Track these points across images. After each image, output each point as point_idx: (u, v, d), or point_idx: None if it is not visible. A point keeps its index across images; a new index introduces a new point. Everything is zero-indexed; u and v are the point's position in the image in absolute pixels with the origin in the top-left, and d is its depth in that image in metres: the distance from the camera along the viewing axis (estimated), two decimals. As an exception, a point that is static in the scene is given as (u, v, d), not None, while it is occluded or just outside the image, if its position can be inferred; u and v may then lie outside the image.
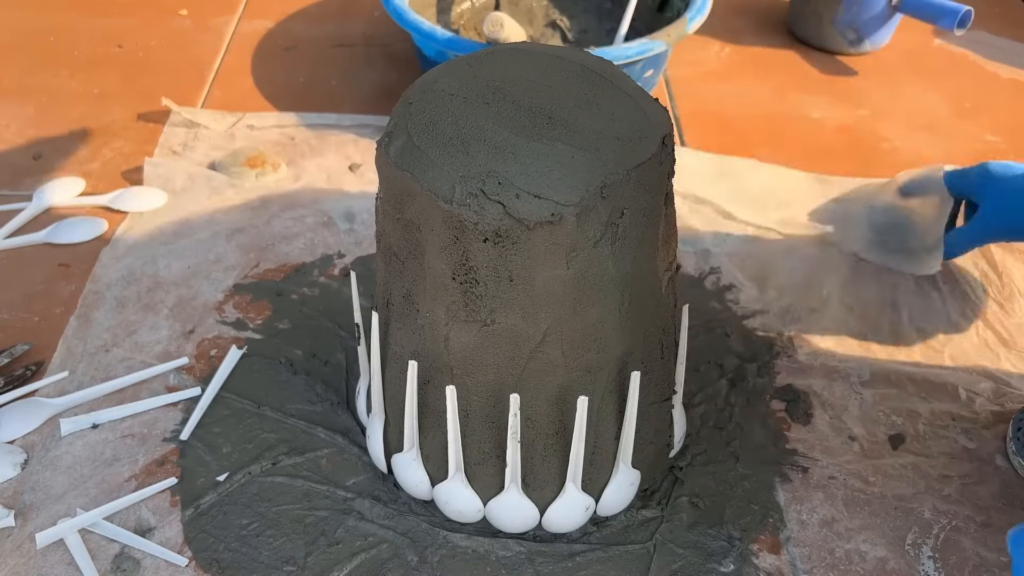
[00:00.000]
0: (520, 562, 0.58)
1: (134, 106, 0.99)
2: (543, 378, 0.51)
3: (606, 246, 0.47)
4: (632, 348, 0.52)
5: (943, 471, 0.65)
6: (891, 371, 0.72)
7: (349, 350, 0.71)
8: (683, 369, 0.61)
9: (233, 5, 1.18)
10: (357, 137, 0.95)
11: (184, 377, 0.69)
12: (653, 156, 0.47)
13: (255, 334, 0.73)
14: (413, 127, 0.47)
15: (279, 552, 0.58)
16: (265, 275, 0.78)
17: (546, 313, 0.48)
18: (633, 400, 0.52)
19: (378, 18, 1.17)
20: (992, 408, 0.69)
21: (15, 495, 0.61)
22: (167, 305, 0.75)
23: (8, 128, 0.95)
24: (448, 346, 0.50)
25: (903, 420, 0.68)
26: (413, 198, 0.47)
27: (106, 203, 0.84)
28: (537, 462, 0.55)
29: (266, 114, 0.97)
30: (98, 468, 0.62)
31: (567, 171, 0.45)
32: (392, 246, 0.51)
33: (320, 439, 0.65)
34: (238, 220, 0.83)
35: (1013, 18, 1.22)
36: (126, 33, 1.11)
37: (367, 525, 0.59)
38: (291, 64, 1.07)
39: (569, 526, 0.58)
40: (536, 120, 0.47)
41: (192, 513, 0.60)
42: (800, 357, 0.73)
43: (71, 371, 0.69)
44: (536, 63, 0.51)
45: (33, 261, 0.79)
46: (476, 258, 0.46)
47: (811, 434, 0.67)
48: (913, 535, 0.60)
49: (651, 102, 0.50)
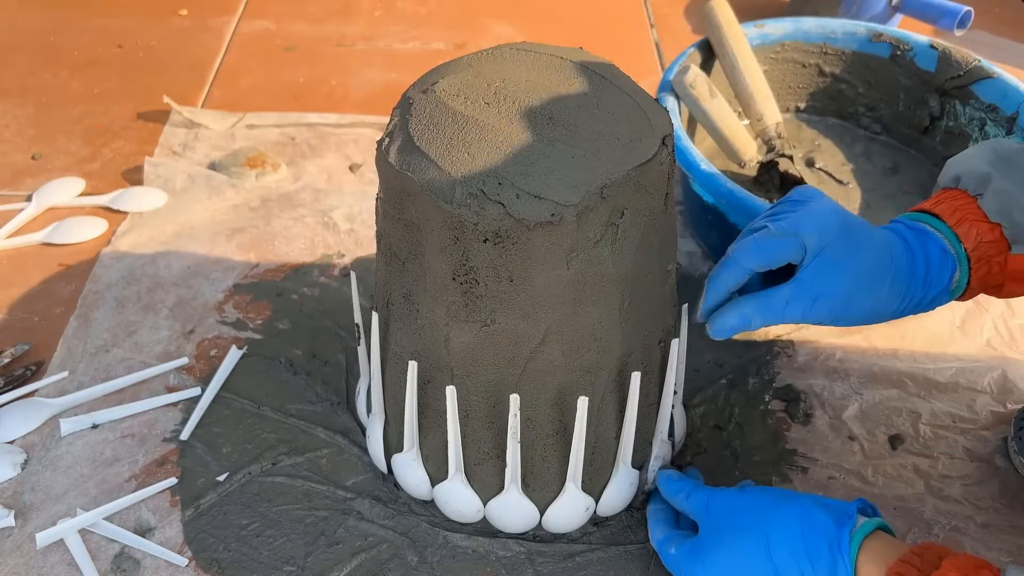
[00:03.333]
0: (520, 562, 0.58)
1: (134, 106, 0.99)
2: (543, 378, 0.51)
3: (606, 246, 0.47)
4: (632, 348, 0.52)
5: (943, 471, 0.65)
6: (891, 371, 0.72)
7: (349, 350, 0.71)
8: (683, 369, 0.61)
9: (233, 5, 1.18)
10: (357, 137, 0.95)
11: (184, 377, 0.69)
12: (653, 156, 0.46)
13: (255, 334, 0.73)
14: (413, 127, 0.47)
15: (279, 552, 0.58)
16: (265, 275, 0.78)
17: (546, 313, 0.48)
18: (633, 400, 0.52)
19: (378, 18, 1.17)
20: (993, 408, 0.69)
21: (15, 495, 0.61)
22: (167, 305, 0.75)
23: (8, 128, 0.95)
24: (448, 346, 0.50)
25: (903, 420, 0.68)
26: (413, 198, 0.46)
27: (106, 203, 0.84)
28: (537, 462, 0.55)
29: (266, 114, 0.97)
30: (98, 468, 0.62)
31: (567, 171, 0.45)
32: (392, 246, 0.51)
33: (320, 439, 0.65)
34: (238, 220, 0.83)
35: (1013, 18, 1.22)
36: (126, 33, 1.11)
37: (367, 525, 0.59)
38: (291, 64, 1.07)
39: (569, 526, 0.58)
40: (536, 120, 0.47)
41: (192, 513, 0.60)
42: (800, 357, 0.73)
43: (71, 371, 0.69)
44: (537, 63, 0.51)
45: (33, 261, 0.79)
46: (476, 258, 0.46)
47: (811, 434, 0.67)
48: (913, 535, 0.60)
49: (651, 102, 0.50)
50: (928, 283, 0.53)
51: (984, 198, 0.54)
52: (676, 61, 0.79)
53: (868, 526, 0.48)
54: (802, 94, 0.90)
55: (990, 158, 0.55)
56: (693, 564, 0.52)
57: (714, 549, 0.51)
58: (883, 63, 0.85)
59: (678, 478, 0.57)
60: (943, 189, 0.57)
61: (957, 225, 0.54)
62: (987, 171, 0.54)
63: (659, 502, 0.59)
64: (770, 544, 0.49)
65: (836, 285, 0.51)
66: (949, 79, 0.81)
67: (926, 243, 0.54)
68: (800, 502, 0.51)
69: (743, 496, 0.53)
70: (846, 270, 0.51)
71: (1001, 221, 0.54)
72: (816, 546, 0.48)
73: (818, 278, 0.50)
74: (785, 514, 0.50)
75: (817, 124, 0.91)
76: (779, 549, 0.49)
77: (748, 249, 0.51)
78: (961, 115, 0.81)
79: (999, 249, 0.54)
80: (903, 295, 0.53)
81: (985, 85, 0.79)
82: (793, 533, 0.49)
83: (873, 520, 0.49)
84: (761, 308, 0.51)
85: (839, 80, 0.88)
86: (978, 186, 0.55)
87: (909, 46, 0.83)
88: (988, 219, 0.54)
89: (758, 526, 0.50)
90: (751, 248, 0.51)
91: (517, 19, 1.18)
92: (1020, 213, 0.53)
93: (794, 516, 0.50)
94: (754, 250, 0.51)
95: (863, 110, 0.89)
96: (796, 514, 0.50)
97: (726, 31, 0.81)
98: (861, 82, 0.87)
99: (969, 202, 0.55)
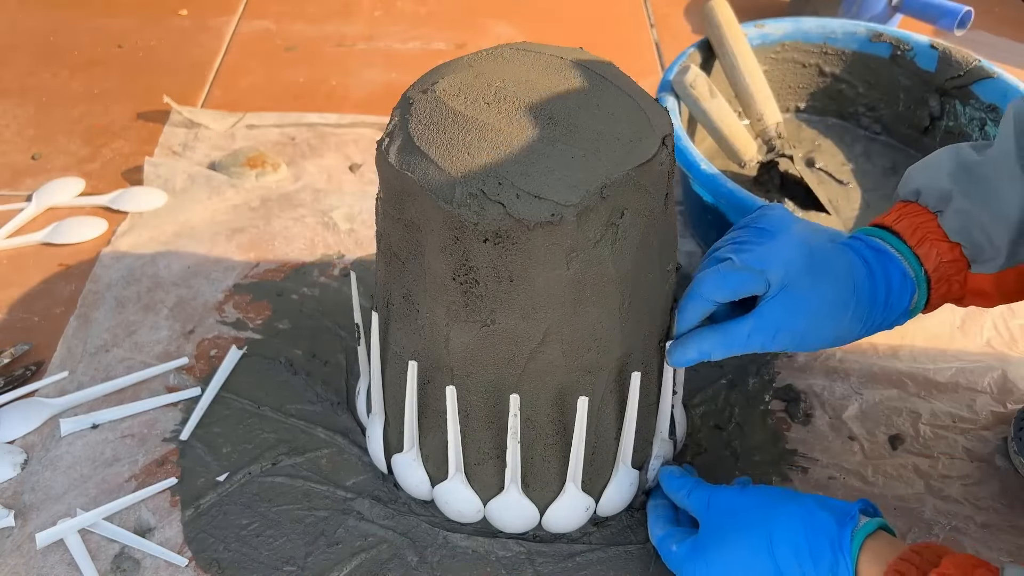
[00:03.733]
0: (520, 562, 0.58)
1: (134, 106, 0.99)
2: (543, 378, 0.51)
3: (606, 246, 0.47)
4: (632, 348, 0.52)
5: (943, 471, 0.65)
6: (891, 371, 0.72)
7: (349, 350, 0.71)
8: (683, 369, 0.61)
9: (233, 5, 1.18)
10: (357, 137, 0.95)
11: (184, 377, 0.69)
12: (653, 156, 0.46)
13: (255, 334, 0.73)
14: (413, 127, 0.47)
15: (279, 552, 0.58)
16: (265, 275, 0.78)
17: (546, 313, 0.48)
18: (633, 400, 0.52)
19: (378, 18, 1.17)
20: (993, 408, 0.69)
21: (15, 495, 0.61)
22: (167, 305, 0.75)
23: (8, 128, 0.95)
24: (448, 346, 0.50)
25: (903, 420, 0.68)
26: (413, 198, 0.46)
27: (106, 203, 0.84)
28: (537, 462, 0.55)
29: (266, 114, 0.97)
30: (98, 468, 0.62)
31: (567, 171, 0.45)
32: (392, 246, 0.51)
33: (320, 439, 0.65)
34: (238, 220, 0.83)
35: (1013, 18, 1.22)
36: (126, 33, 1.11)
37: (367, 525, 0.59)
38: (291, 64, 1.07)
39: (569, 526, 0.58)
40: (536, 120, 0.47)
41: (192, 513, 0.60)
42: (800, 357, 0.73)
43: (71, 371, 0.69)
44: (537, 63, 0.51)
45: (33, 261, 0.79)
46: (476, 258, 0.46)
47: (811, 434, 0.67)
48: (913, 535, 0.60)
49: (652, 103, 0.50)
50: (888, 307, 0.53)
51: (944, 216, 0.54)
52: (676, 61, 0.79)
53: (870, 526, 0.48)
54: (802, 94, 0.90)
55: (951, 169, 0.55)
56: (695, 562, 0.52)
57: (716, 547, 0.51)
58: (883, 63, 0.85)
59: (680, 474, 0.57)
60: (903, 202, 0.56)
61: (918, 246, 0.54)
62: (948, 188, 0.54)
63: (659, 499, 0.59)
64: (773, 543, 0.49)
65: (798, 320, 0.51)
66: (949, 79, 0.81)
67: (887, 266, 0.53)
68: (803, 502, 0.51)
69: (745, 495, 0.53)
70: (809, 306, 0.51)
71: (961, 241, 0.53)
72: (818, 545, 0.48)
73: (780, 313, 0.50)
74: (788, 513, 0.50)
75: (817, 124, 0.91)
76: (782, 548, 0.49)
77: (712, 282, 0.51)
78: (961, 115, 0.81)
79: (959, 268, 0.54)
80: (864, 321, 0.53)
81: (985, 85, 0.79)
82: (796, 532, 0.49)
83: (875, 520, 0.49)
84: (722, 342, 0.52)
85: (839, 80, 0.88)
86: (938, 203, 0.54)
87: (909, 46, 0.83)
88: (948, 238, 0.53)
89: (761, 525, 0.50)
90: (715, 281, 0.51)
91: (517, 19, 1.18)
92: (980, 233, 0.53)
93: (797, 515, 0.50)
94: (719, 283, 0.51)
95: (863, 110, 0.89)
96: (799, 513, 0.50)
97: (726, 31, 0.81)
98: (861, 82, 0.87)
99: (929, 219, 0.54)
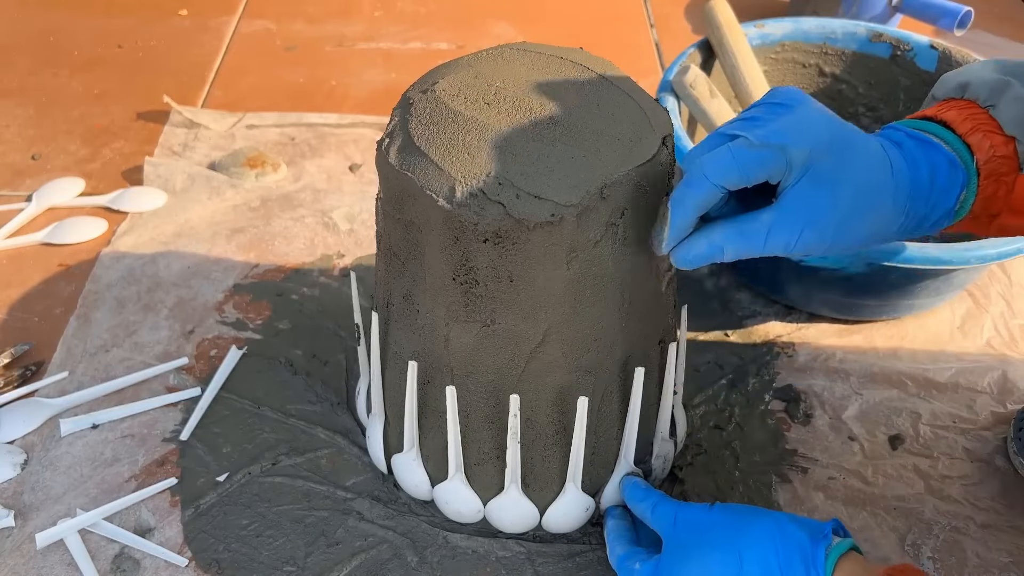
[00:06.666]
0: (520, 562, 0.58)
1: (134, 106, 0.99)
2: (543, 378, 0.51)
3: (606, 246, 0.47)
4: (632, 348, 0.52)
5: (943, 471, 0.65)
6: (891, 371, 0.72)
7: (349, 350, 0.71)
8: (683, 369, 0.61)
9: (233, 5, 1.18)
10: (357, 137, 0.95)
11: (184, 377, 0.69)
12: (653, 156, 0.46)
13: (255, 334, 0.73)
14: (413, 127, 0.47)
15: (279, 552, 0.58)
16: (265, 275, 0.78)
17: (546, 313, 0.48)
18: (636, 397, 0.52)
19: (378, 18, 1.17)
20: (993, 408, 0.69)
21: (15, 495, 0.61)
22: (167, 305, 0.75)
23: (8, 128, 0.95)
24: (448, 346, 0.50)
25: (903, 420, 0.68)
26: (413, 198, 0.46)
27: (106, 203, 0.84)
28: (537, 462, 0.55)
29: (266, 114, 0.97)
30: (98, 468, 0.62)
31: (567, 171, 0.45)
32: (392, 246, 0.51)
33: (320, 439, 0.65)
34: (238, 220, 0.83)
35: (1013, 18, 1.22)
36: (126, 33, 1.11)
37: (367, 525, 0.59)
38: (291, 64, 1.07)
39: (569, 526, 0.58)
40: (536, 120, 0.47)
41: (192, 513, 0.60)
42: (800, 357, 0.73)
43: (71, 371, 0.69)
44: (537, 63, 0.51)
45: (33, 261, 0.79)
46: (476, 258, 0.46)
47: (811, 434, 0.67)
48: (913, 535, 0.60)
49: (651, 103, 0.50)
50: (933, 198, 0.46)
51: (998, 108, 0.46)
52: (676, 61, 0.79)
53: (843, 546, 0.46)
54: (802, 94, 0.90)
55: (997, 67, 0.48)
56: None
57: (682, 565, 0.48)
58: (883, 63, 0.85)
59: (645, 487, 0.55)
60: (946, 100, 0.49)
61: (969, 134, 0.46)
62: (1001, 78, 0.47)
63: (617, 518, 0.56)
64: (743, 560, 0.47)
65: (830, 209, 0.42)
66: (949, 79, 0.81)
67: (931, 153, 0.46)
68: (774, 518, 0.48)
69: (713, 512, 0.50)
70: (841, 190, 0.42)
71: (1017, 134, 0.46)
72: (790, 562, 0.46)
73: (808, 201, 0.41)
74: (758, 529, 0.48)
75: (817, 124, 0.91)
76: (751, 566, 0.46)
77: (722, 162, 0.41)
78: (961, 115, 0.81)
79: (1011, 167, 0.46)
80: (906, 212, 0.45)
81: (985, 85, 0.79)
82: (766, 549, 0.46)
83: (847, 541, 0.47)
84: (735, 235, 0.42)
85: (839, 80, 0.88)
86: (991, 95, 0.47)
87: (909, 46, 0.83)
88: (1002, 131, 0.46)
89: (730, 542, 0.47)
90: (725, 161, 0.41)
91: (517, 19, 1.18)
92: None
93: (767, 532, 0.47)
94: (729, 163, 0.41)
95: (863, 110, 0.89)
96: (770, 530, 0.47)
97: (726, 31, 0.81)
98: (861, 82, 0.87)
99: (980, 112, 0.47)
